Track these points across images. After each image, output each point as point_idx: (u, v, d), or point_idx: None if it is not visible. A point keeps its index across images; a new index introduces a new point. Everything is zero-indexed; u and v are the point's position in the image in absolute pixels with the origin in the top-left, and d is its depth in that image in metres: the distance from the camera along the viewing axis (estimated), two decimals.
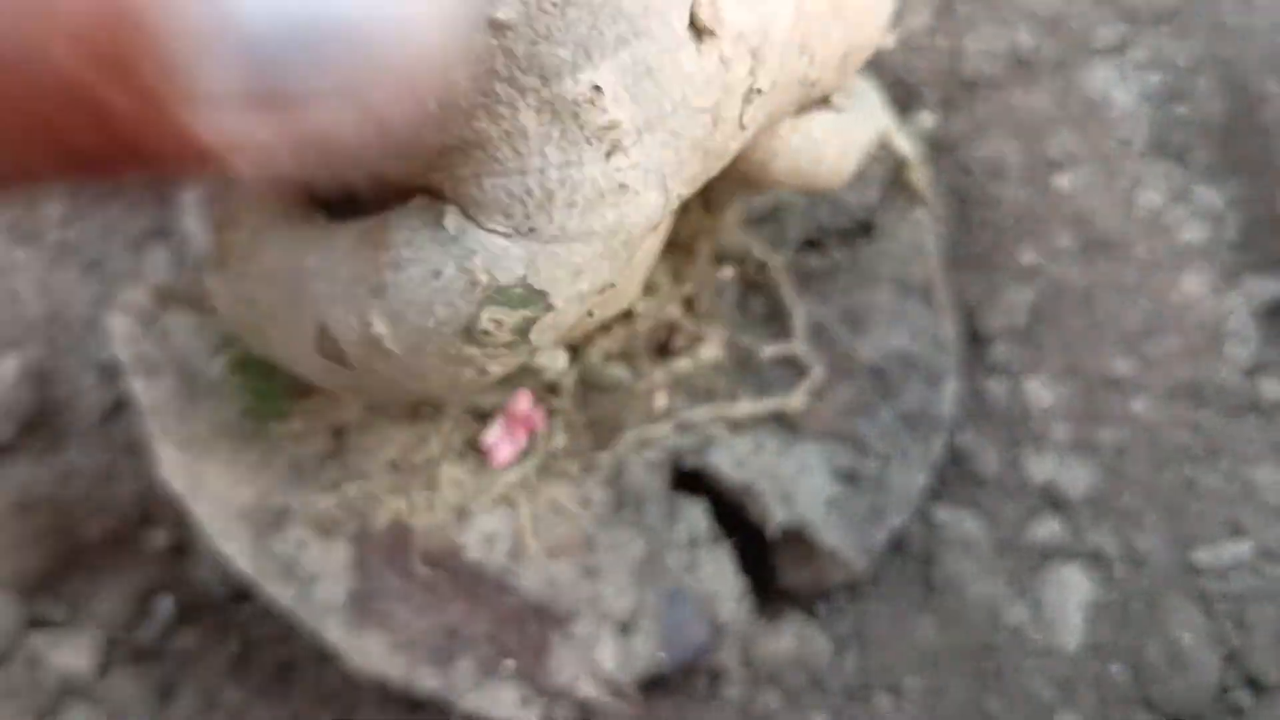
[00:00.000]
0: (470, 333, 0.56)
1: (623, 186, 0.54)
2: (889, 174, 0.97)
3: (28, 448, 0.92)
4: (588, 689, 0.75)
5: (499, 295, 0.55)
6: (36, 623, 0.85)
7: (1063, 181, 0.99)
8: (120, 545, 0.90)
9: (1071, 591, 0.84)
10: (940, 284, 0.94)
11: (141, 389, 0.77)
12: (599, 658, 0.76)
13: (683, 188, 0.57)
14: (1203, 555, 0.84)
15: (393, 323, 0.56)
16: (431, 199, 0.56)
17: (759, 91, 0.57)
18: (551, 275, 0.55)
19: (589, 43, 0.50)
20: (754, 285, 0.94)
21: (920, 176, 0.92)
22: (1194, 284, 0.95)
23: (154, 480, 0.90)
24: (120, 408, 0.95)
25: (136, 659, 0.85)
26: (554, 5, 0.49)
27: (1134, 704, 0.79)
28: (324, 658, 0.84)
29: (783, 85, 0.59)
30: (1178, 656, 0.80)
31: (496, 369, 0.59)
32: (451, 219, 0.54)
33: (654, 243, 0.70)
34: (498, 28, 0.48)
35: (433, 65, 0.45)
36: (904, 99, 1.03)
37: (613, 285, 0.58)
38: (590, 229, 0.54)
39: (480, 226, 0.54)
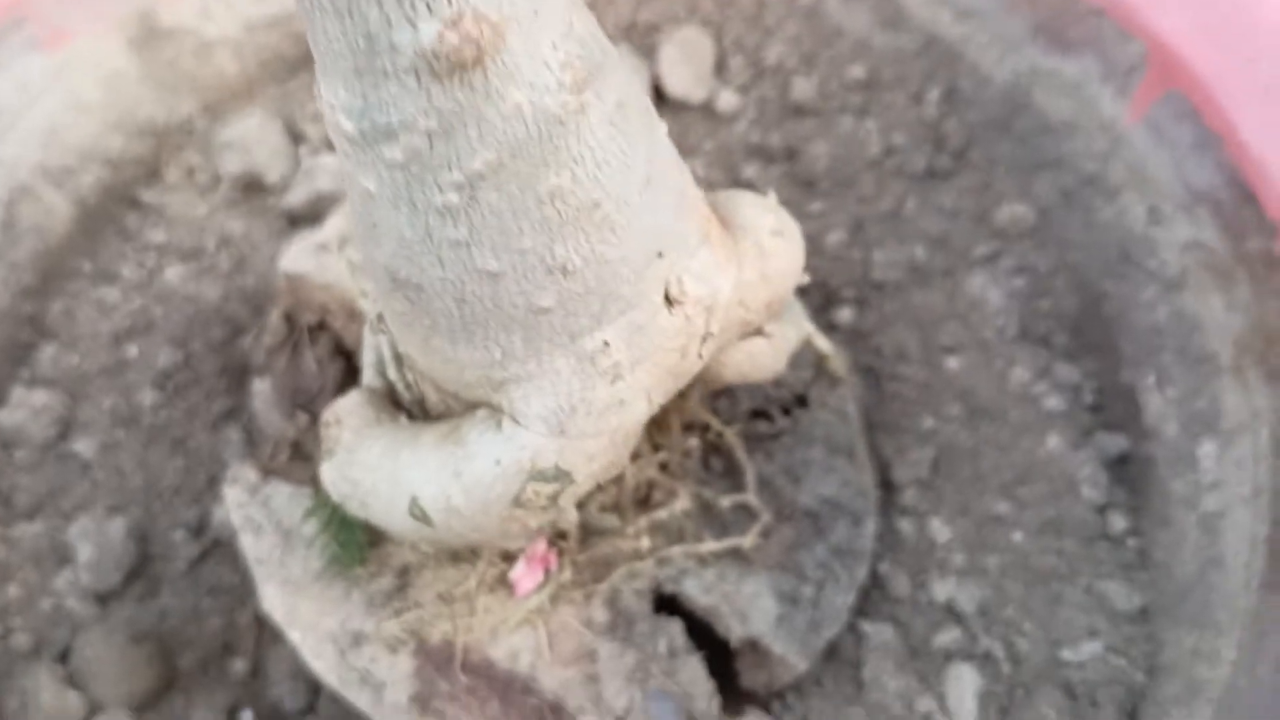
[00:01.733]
0: (518, 500, 0.86)
1: (622, 401, 0.86)
2: (817, 360, 1.30)
3: (132, 593, 1.20)
4: None
5: (538, 475, 0.86)
6: None
7: (952, 363, 1.33)
8: (208, 671, 1.16)
9: (967, 684, 1.13)
10: (861, 444, 1.26)
11: (249, 543, 1.06)
12: None
13: (660, 398, 0.90)
14: (1067, 653, 1.14)
15: (466, 495, 0.87)
16: (491, 411, 0.87)
17: (711, 335, 0.90)
18: (574, 461, 0.86)
19: (600, 315, 0.83)
20: (714, 449, 1.25)
21: (838, 364, 1.25)
22: (1056, 442, 1.28)
23: (238, 617, 1.18)
24: (204, 559, 1.23)
25: None
26: (578, 295, 0.81)
27: None
28: None
29: (727, 327, 0.92)
30: None
31: (534, 524, 0.90)
32: (507, 425, 0.86)
33: (635, 440, 1.02)
34: (543, 310, 0.81)
35: None
36: (827, 298, 1.38)
37: (615, 465, 0.90)
38: (600, 429, 0.86)
39: (527, 429, 0.85)
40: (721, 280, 0.89)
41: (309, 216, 1.40)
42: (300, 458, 1.17)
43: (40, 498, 1.23)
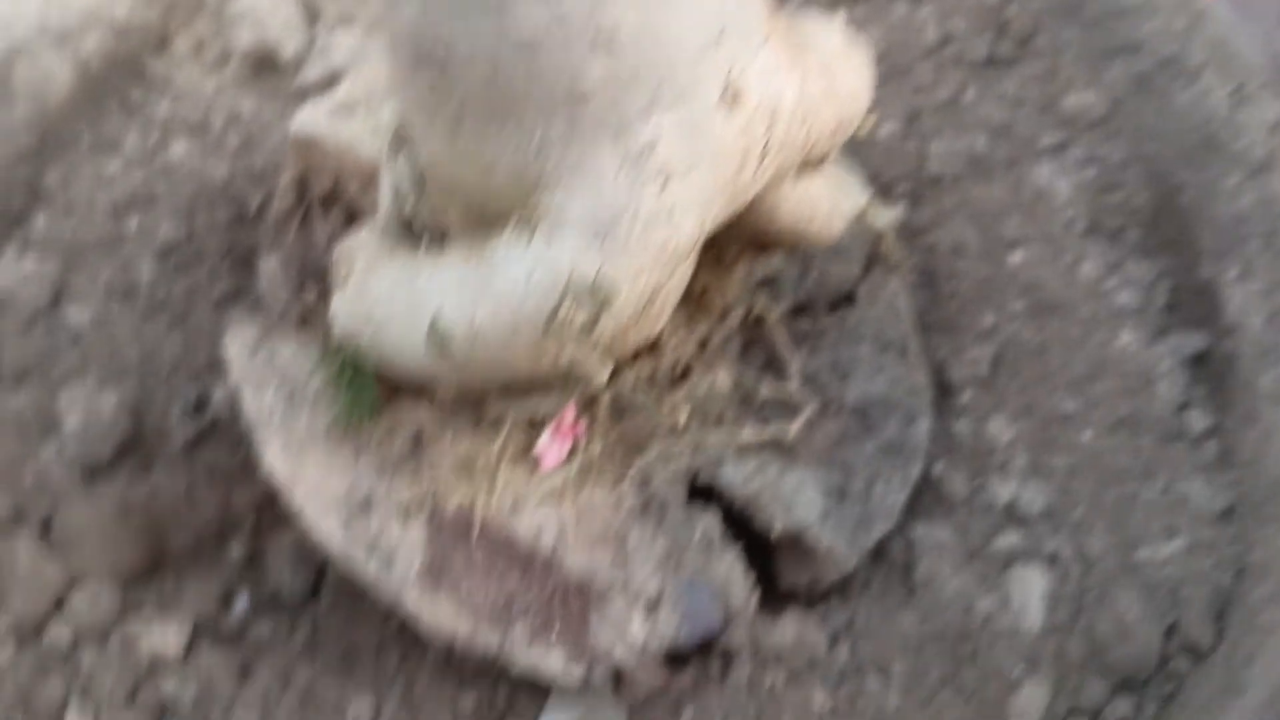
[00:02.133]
0: (551, 321, 0.77)
1: (671, 212, 0.77)
2: (867, 252, 1.20)
3: (122, 468, 1.11)
4: (622, 655, 0.93)
5: (577, 288, 0.77)
6: (131, 610, 1.02)
7: (1015, 258, 1.23)
8: (202, 553, 1.08)
9: (1033, 586, 1.04)
10: (913, 341, 1.16)
11: (250, 399, 0.98)
12: (630, 630, 0.94)
13: (712, 221, 0.81)
14: (1143, 553, 1.05)
15: (492, 314, 0.78)
16: (524, 223, 0.79)
17: (770, 149, 0.81)
18: (616, 276, 0.77)
19: (651, 104, 0.74)
20: (754, 340, 1.16)
21: (894, 245, 1.16)
22: (1129, 339, 1.18)
23: (236, 500, 1.10)
24: (201, 440, 1.14)
25: (219, 643, 1.01)
26: (626, 77, 0.72)
27: (1089, 672, 0.98)
28: (384, 642, 1.02)
29: (788, 146, 0.83)
30: (1125, 630, 0.99)
31: (567, 356, 0.81)
32: (543, 232, 0.77)
33: (681, 277, 0.93)
34: (585, 94, 0.72)
35: None
36: (879, 194, 1.29)
37: (660, 291, 0.81)
38: (647, 243, 0.77)
39: (565, 239, 0.76)
40: (785, 85, 0.80)
41: None
42: (308, 326, 1.09)
43: (28, 364, 1.15)
